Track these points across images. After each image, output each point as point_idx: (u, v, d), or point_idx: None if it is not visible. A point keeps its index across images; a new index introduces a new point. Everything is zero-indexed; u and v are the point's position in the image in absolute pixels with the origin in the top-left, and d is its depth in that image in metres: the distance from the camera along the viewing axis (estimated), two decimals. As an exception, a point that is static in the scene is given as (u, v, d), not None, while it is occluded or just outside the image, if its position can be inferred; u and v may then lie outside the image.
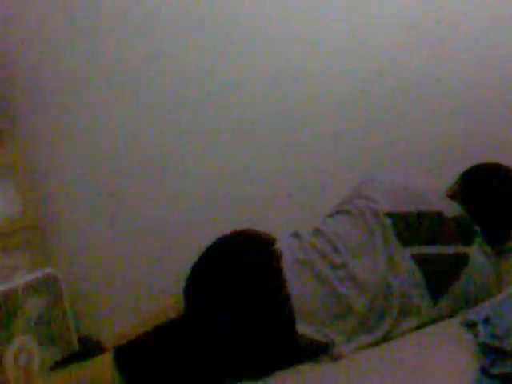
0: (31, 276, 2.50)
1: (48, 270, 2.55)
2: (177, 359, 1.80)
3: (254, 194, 2.69)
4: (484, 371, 1.43)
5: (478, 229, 2.01)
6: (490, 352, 1.48)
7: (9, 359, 2.33)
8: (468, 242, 1.96)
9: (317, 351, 1.79)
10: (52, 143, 2.66)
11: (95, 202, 2.68)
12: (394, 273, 1.85)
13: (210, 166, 2.71)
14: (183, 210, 2.68)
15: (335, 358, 1.75)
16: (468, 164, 2.28)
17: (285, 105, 2.68)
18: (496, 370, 1.41)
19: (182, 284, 1.98)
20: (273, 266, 1.88)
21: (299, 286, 1.83)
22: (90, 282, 2.72)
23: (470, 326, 1.68)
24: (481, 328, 1.58)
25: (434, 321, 1.86)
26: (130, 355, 1.84)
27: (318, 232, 2.00)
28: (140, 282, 2.66)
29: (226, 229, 2.06)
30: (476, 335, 1.60)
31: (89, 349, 2.19)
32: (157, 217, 2.68)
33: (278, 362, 1.77)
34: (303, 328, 1.78)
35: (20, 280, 2.48)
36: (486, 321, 1.62)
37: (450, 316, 1.86)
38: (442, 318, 1.87)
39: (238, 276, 1.88)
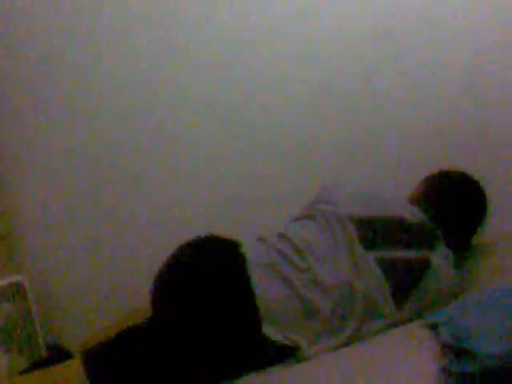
0: (-3, 283, 2.51)
1: (14, 278, 2.55)
2: (144, 362, 1.81)
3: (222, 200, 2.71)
4: (445, 371, 1.47)
5: (439, 234, 2.06)
6: (451, 352, 1.51)
7: (-25, 367, 2.33)
8: (430, 246, 2.01)
9: (281, 353, 1.81)
10: (17, 148, 2.66)
11: (61, 208, 2.68)
12: (357, 276, 1.89)
13: (185, 170, 2.72)
14: (152, 215, 2.70)
15: (300, 360, 1.79)
16: (430, 169, 2.32)
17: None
18: (457, 369, 1.45)
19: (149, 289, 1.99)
20: (238, 268, 1.91)
21: (264, 289, 1.86)
22: (57, 288, 2.72)
23: (432, 327, 1.72)
24: (442, 329, 1.62)
25: (397, 324, 1.90)
26: (97, 359, 1.85)
27: (282, 236, 2.03)
28: (107, 288, 2.67)
29: (194, 232, 2.08)
30: (437, 336, 1.63)
31: (57, 355, 2.18)
32: (124, 221, 2.69)
33: (244, 363, 1.80)
34: (269, 330, 1.82)
35: (-14, 287, 2.47)
36: (447, 322, 1.65)
37: (414, 319, 1.90)
38: (405, 321, 1.91)
39: (204, 279, 1.90)
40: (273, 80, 2.72)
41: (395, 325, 1.89)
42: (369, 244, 1.96)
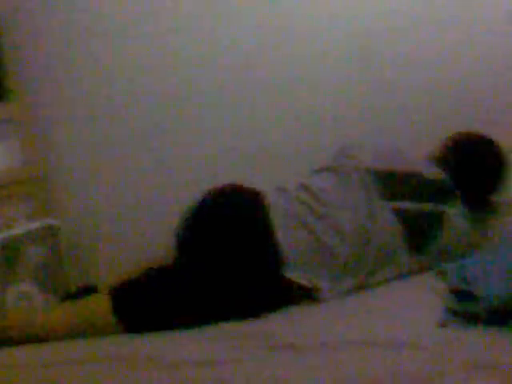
0: (31, 225, 2.62)
1: (48, 221, 2.66)
2: (169, 299, 1.90)
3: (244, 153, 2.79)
4: (450, 310, 1.55)
5: (456, 192, 2.13)
6: (458, 294, 1.59)
7: (10, 303, 2.44)
8: (446, 201, 2.08)
9: (302, 295, 1.91)
10: (53, 96, 2.76)
11: (96, 154, 2.77)
12: (374, 223, 1.98)
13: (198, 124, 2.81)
14: (179, 164, 2.78)
15: (318, 302, 1.88)
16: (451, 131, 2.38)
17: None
18: (461, 309, 1.53)
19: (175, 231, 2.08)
20: (261, 215, 2.00)
21: (286, 234, 1.95)
22: (89, 233, 2.81)
23: (443, 274, 1.80)
24: (452, 274, 1.70)
25: (412, 273, 1.99)
26: (123, 293, 1.94)
27: (303, 186, 2.12)
28: (139, 234, 2.76)
29: (215, 182, 2.16)
30: (447, 282, 1.71)
31: (85, 291, 2.28)
32: (155, 170, 2.78)
33: (266, 303, 1.89)
34: (290, 273, 1.91)
35: (20, 229, 2.58)
36: (457, 270, 1.73)
37: (428, 269, 1.98)
38: (420, 270, 1.99)
39: (229, 223, 1.99)
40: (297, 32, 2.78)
41: (410, 274, 1.98)
42: (386, 195, 2.04)
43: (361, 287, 1.93)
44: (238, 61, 2.77)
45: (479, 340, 1.42)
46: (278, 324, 1.77)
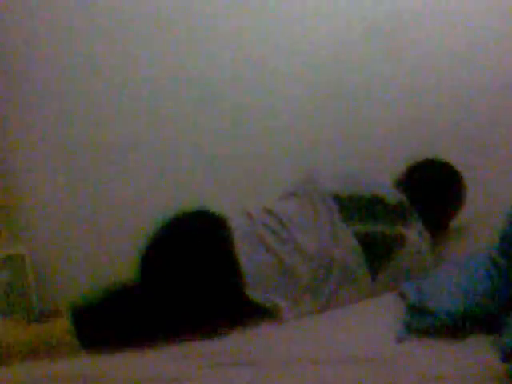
0: (-4, 252, 2.61)
1: (13, 248, 2.66)
2: (131, 320, 1.92)
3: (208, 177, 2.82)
4: (406, 326, 1.59)
5: (416, 214, 2.18)
6: (414, 312, 1.63)
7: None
8: (406, 224, 2.13)
9: (264, 315, 1.94)
10: (20, 121, 2.75)
11: (60, 179, 2.77)
12: (336, 246, 2.02)
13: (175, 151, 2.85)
14: (148, 186, 2.79)
15: (280, 322, 1.91)
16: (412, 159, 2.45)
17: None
18: (416, 325, 1.57)
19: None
20: (223, 238, 2.03)
21: (249, 256, 1.99)
22: (54, 259, 2.80)
23: (402, 295, 1.84)
24: (411, 293, 1.74)
25: (373, 294, 2.02)
26: (85, 315, 1.96)
27: (267, 211, 2.16)
28: (103, 258, 2.76)
29: (182, 207, 2.18)
30: (406, 301, 1.75)
31: (48, 315, 2.28)
32: (119, 195, 2.79)
33: (227, 322, 1.90)
34: (252, 293, 1.94)
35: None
36: (417, 289, 1.77)
37: (389, 291, 2.02)
38: (380, 292, 2.03)
39: (192, 247, 2.02)
40: (268, 75, 2.84)
41: (370, 295, 2.01)
42: (348, 218, 2.09)
43: (322, 308, 1.96)
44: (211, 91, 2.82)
45: (432, 353, 1.46)
46: (239, 342, 1.79)
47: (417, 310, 1.64)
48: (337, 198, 2.14)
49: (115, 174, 2.80)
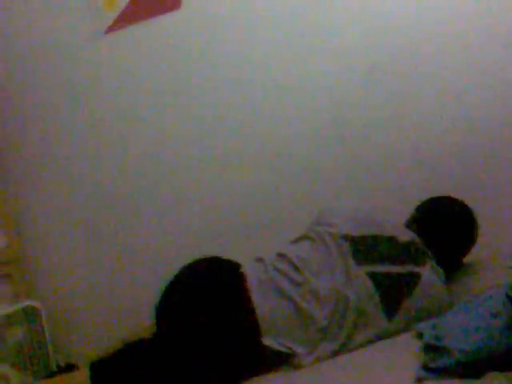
0: (12, 307, 2.62)
1: (28, 302, 2.67)
2: (148, 373, 1.92)
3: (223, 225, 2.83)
4: (424, 366, 1.58)
5: (430, 253, 2.17)
6: (431, 351, 1.62)
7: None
8: (420, 263, 2.12)
9: (281, 362, 1.93)
10: (33, 178, 2.79)
11: (74, 234, 2.80)
12: (350, 288, 2.01)
13: (186, 195, 2.86)
14: (158, 238, 2.81)
15: (297, 368, 1.90)
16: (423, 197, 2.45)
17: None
18: (434, 365, 1.56)
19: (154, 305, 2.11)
20: (238, 286, 2.04)
21: (263, 303, 1.99)
22: (70, 311, 2.82)
23: (419, 335, 1.83)
24: (426, 332, 1.73)
25: (389, 335, 2.01)
26: (103, 369, 1.96)
27: (280, 256, 2.16)
28: (118, 310, 2.77)
29: (194, 255, 2.20)
30: (422, 339, 1.74)
31: (65, 369, 2.28)
32: (132, 247, 2.81)
33: (245, 372, 1.92)
34: (268, 340, 1.94)
35: (1, 311, 2.59)
36: (432, 327, 1.76)
37: (405, 331, 2.00)
38: (396, 332, 2.01)
39: (206, 296, 2.03)
40: (273, 106, 2.87)
41: (387, 336, 2.00)
42: (361, 260, 2.08)
43: (339, 352, 1.95)
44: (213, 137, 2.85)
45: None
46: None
47: (433, 350, 1.62)
48: (349, 239, 2.14)
49: (128, 226, 2.82)
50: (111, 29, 2.95)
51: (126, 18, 2.92)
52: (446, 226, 2.33)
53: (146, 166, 2.88)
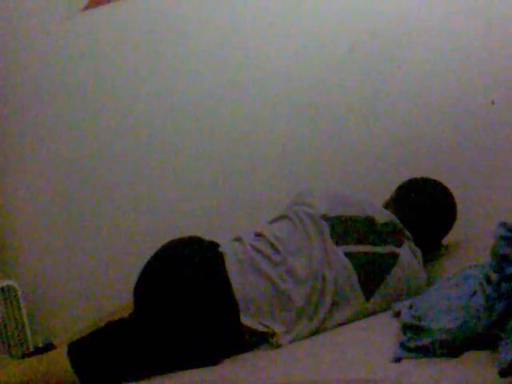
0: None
1: (6, 282, 2.65)
2: (127, 352, 1.92)
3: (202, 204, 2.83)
4: (403, 345, 1.59)
5: (407, 234, 2.18)
6: (410, 330, 1.63)
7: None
8: (397, 243, 2.13)
9: (259, 341, 1.94)
10: (9, 155, 2.77)
11: (51, 212, 2.78)
12: (328, 268, 2.01)
13: (172, 178, 2.86)
14: (138, 217, 2.80)
15: (275, 347, 1.91)
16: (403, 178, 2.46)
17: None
18: (412, 344, 1.57)
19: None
20: (216, 265, 2.03)
21: (242, 282, 1.98)
22: (47, 291, 2.80)
23: (397, 314, 1.84)
24: (404, 311, 1.74)
25: (367, 315, 2.02)
26: (82, 348, 1.95)
27: (258, 235, 2.16)
28: (96, 289, 2.76)
29: (173, 236, 2.19)
30: (400, 319, 1.75)
31: (43, 348, 2.27)
32: (111, 225, 2.80)
33: (224, 351, 1.92)
34: (246, 319, 1.94)
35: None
36: (410, 307, 1.77)
37: (383, 311, 2.02)
38: (374, 312, 2.03)
39: (185, 275, 2.02)
40: (258, 93, 2.86)
41: (365, 316, 2.01)
42: (339, 240, 2.08)
43: (317, 331, 1.96)
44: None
45: (430, 371, 1.46)
46: (236, 370, 1.78)
47: (412, 329, 1.63)
48: (327, 219, 2.14)
49: (106, 206, 2.81)
50: (88, 6, 2.91)
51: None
52: (424, 208, 2.34)
53: (126, 142, 2.86)
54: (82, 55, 2.91)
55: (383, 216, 2.20)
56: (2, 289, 2.64)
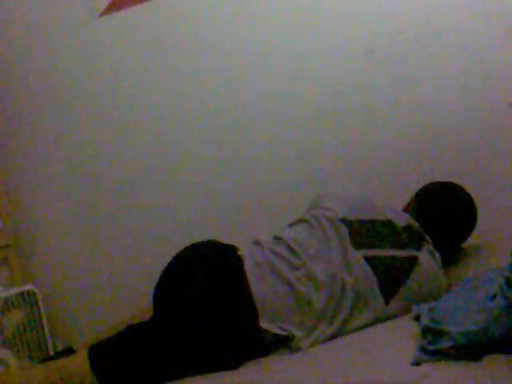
0: (10, 291, 2.62)
1: (25, 286, 2.67)
2: (147, 356, 1.92)
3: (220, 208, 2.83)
4: (422, 349, 1.58)
5: (427, 237, 2.17)
6: (429, 334, 1.63)
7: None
8: (417, 247, 2.12)
9: (278, 345, 1.94)
10: (29, 161, 2.79)
11: (71, 217, 2.80)
12: (348, 272, 2.01)
13: (185, 180, 2.86)
14: (156, 222, 2.81)
15: (295, 351, 1.90)
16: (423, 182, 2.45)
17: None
18: (432, 347, 1.56)
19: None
20: (235, 269, 2.03)
21: (261, 286, 1.98)
22: (67, 296, 2.82)
23: (417, 317, 1.83)
24: (423, 315, 1.73)
25: (386, 319, 2.01)
26: (102, 352, 1.96)
27: (277, 239, 2.16)
28: (115, 294, 2.77)
29: (191, 240, 2.20)
30: (419, 322, 1.74)
31: (63, 352, 2.28)
32: (129, 230, 2.81)
33: (243, 355, 1.92)
34: (266, 324, 1.93)
35: (-2, 296, 2.59)
36: (429, 310, 1.76)
37: (403, 314, 2.01)
38: (394, 316, 2.02)
39: (204, 279, 2.02)
40: (272, 94, 2.86)
41: (384, 320, 2.00)
42: (359, 244, 2.08)
43: (336, 335, 1.95)
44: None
45: (450, 375, 1.45)
46: (256, 374, 1.78)
47: (431, 332, 1.62)
48: (347, 223, 2.13)
49: (124, 212, 2.82)
50: (106, 12, 2.93)
51: (120, 1, 2.91)
52: (444, 211, 2.33)
53: (144, 148, 2.87)
54: (100, 61, 2.92)
55: (402, 220, 2.20)
56: (22, 293, 2.65)
